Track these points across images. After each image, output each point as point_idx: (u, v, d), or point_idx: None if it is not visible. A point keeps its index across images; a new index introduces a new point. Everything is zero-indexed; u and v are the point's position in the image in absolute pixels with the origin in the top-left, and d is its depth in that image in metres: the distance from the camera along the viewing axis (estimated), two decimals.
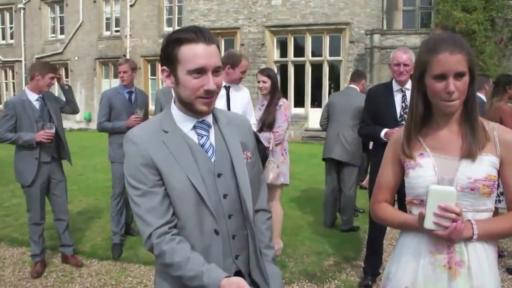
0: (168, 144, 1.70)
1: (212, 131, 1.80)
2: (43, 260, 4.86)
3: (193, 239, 1.71)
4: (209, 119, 1.80)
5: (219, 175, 1.76)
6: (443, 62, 1.74)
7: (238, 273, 1.79)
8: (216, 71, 1.68)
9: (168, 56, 1.69)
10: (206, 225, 1.71)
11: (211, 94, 1.68)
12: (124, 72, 5.44)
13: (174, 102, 1.79)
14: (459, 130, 1.86)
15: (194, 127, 1.77)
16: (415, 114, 1.90)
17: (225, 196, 1.76)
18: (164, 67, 1.73)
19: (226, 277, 1.60)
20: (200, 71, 1.64)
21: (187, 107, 1.73)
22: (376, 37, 16.72)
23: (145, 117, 5.58)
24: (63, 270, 4.83)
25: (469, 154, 1.80)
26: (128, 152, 1.71)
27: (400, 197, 2.06)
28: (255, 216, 1.90)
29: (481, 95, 6.21)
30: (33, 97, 4.72)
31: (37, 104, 4.73)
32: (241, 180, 1.78)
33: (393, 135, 2.11)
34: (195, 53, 1.64)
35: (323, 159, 6.29)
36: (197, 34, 1.65)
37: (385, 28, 18.09)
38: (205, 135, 1.78)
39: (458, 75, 1.75)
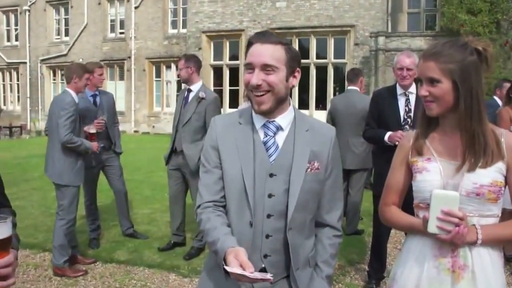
0: (236, 135, 1.86)
1: (283, 133, 1.86)
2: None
3: (233, 224, 1.82)
4: (282, 122, 1.86)
5: (271, 175, 1.81)
6: (419, 67, 1.89)
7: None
8: (264, 69, 1.76)
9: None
10: (244, 215, 1.81)
11: (254, 89, 1.77)
12: (102, 74, 5.63)
13: None
14: (462, 137, 1.86)
15: (264, 125, 1.86)
16: (421, 118, 1.96)
17: (270, 195, 1.81)
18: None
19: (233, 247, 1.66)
20: (249, 67, 1.79)
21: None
22: (381, 39, 16.65)
23: (113, 118, 5.69)
24: None
25: (469, 169, 1.81)
26: (207, 135, 1.95)
27: (405, 201, 2.07)
28: (322, 230, 1.96)
29: (495, 98, 6.29)
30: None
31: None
32: (293, 185, 1.80)
33: (403, 138, 2.14)
34: (249, 52, 1.81)
35: None
36: (257, 35, 1.83)
37: (390, 30, 18.02)
38: (271, 135, 1.85)
39: (430, 81, 1.82)
